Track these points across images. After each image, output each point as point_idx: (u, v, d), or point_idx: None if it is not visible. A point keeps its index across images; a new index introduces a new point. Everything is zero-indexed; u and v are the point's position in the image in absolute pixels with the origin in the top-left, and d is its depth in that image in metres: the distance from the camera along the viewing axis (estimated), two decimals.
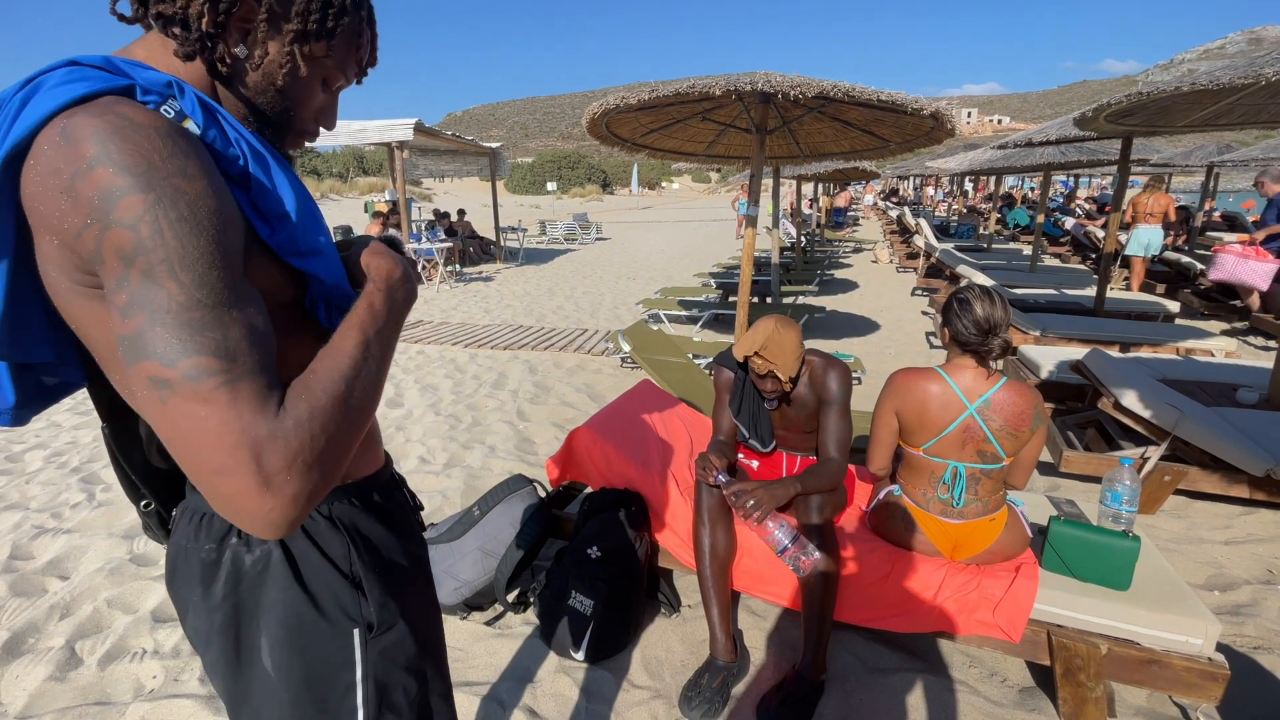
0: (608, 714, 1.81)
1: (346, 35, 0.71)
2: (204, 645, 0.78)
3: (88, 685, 1.90)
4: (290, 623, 0.74)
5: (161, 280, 0.52)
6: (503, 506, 2.32)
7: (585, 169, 54.06)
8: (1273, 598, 2.34)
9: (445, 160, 13.47)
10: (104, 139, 0.52)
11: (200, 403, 0.51)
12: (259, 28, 0.65)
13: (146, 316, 0.52)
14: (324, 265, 0.69)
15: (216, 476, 0.52)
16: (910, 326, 6.91)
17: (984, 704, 1.83)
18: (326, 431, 0.57)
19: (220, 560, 0.73)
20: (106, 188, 0.51)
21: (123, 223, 0.51)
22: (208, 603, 0.74)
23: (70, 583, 2.38)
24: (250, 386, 0.53)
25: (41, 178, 0.53)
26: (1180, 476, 2.91)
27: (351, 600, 0.76)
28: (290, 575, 0.73)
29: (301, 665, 0.75)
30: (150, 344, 0.51)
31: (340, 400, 0.59)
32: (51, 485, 3.17)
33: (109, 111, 0.54)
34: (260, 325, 0.57)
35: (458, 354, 5.81)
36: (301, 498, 0.55)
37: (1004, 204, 17.94)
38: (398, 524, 0.86)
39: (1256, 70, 3.01)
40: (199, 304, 0.53)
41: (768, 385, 1.97)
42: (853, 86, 3.22)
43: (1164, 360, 4.06)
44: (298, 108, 0.73)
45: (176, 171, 0.54)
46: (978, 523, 1.85)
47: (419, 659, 0.84)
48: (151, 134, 0.54)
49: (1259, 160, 11.19)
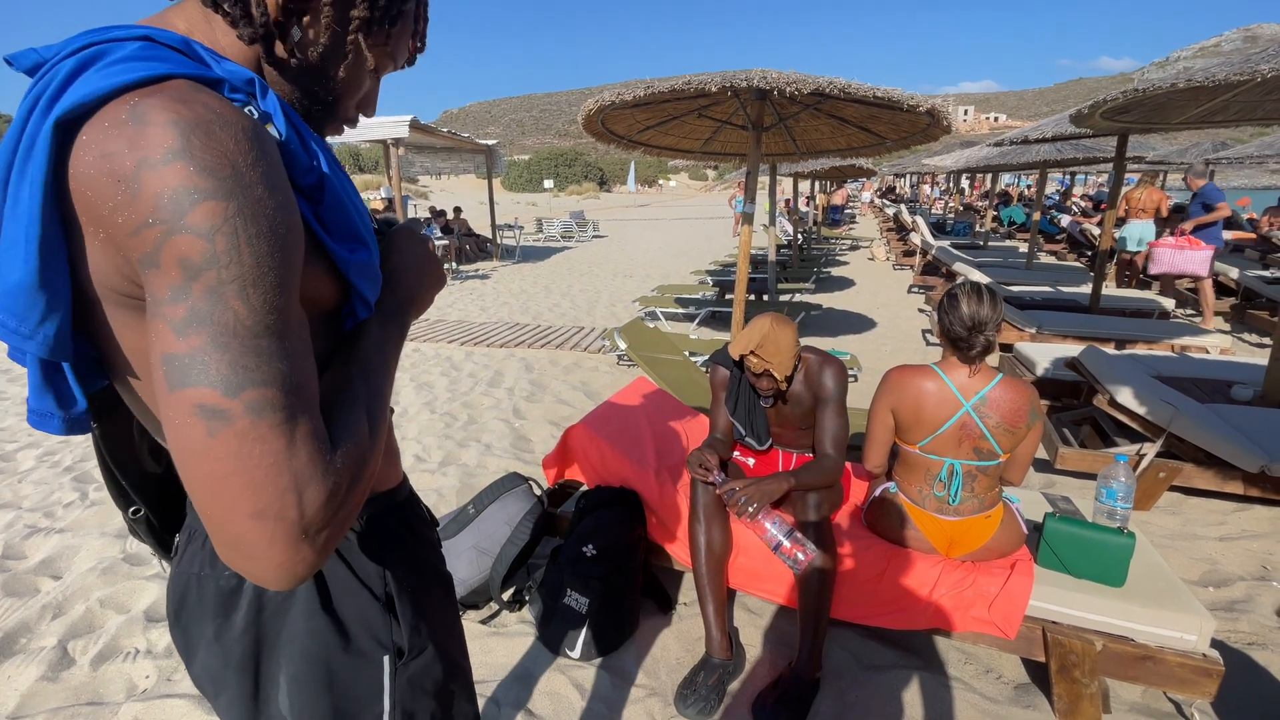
0: (604, 712, 1.81)
1: (406, 21, 0.67)
2: (217, 687, 0.71)
3: (80, 685, 1.89)
4: (316, 654, 0.68)
5: (230, 300, 0.46)
6: (498, 505, 2.32)
7: (582, 166, 53.99)
8: (1267, 594, 2.34)
9: (441, 157, 13.44)
10: (187, 131, 0.45)
11: (257, 440, 0.46)
12: (324, 12, 0.60)
13: (208, 338, 0.45)
14: (373, 281, 0.65)
15: (253, 520, 0.46)
16: (906, 324, 6.92)
17: (979, 700, 1.84)
18: (364, 474, 0.53)
19: (241, 588, 0.66)
20: (183, 187, 0.44)
21: (196, 230, 0.45)
22: (226, 636, 0.67)
23: (62, 582, 2.37)
24: (308, 425, 0.49)
25: (97, 159, 0.45)
26: (1175, 473, 2.92)
27: (383, 624, 0.71)
28: (317, 601, 0.67)
29: (328, 701, 0.69)
30: (210, 368, 0.45)
31: (371, 431, 0.56)
32: (44, 484, 3.15)
33: (195, 100, 0.47)
34: (309, 356, 0.52)
35: (453, 352, 5.80)
36: (332, 545, 0.51)
37: (1000, 201, 17.96)
38: (422, 538, 0.82)
39: (1252, 67, 3.01)
40: (268, 331, 0.48)
41: (763, 384, 1.97)
42: (849, 83, 3.21)
43: (1159, 357, 4.07)
44: (346, 95, 0.68)
45: (260, 181, 0.48)
46: (973, 519, 1.85)
47: (446, 681, 0.79)
48: (239, 134, 0.48)
49: (1254, 157, 11.24)
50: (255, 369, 0.47)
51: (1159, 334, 5.00)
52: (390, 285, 0.69)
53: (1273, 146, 10.86)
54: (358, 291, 0.63)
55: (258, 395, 0.46)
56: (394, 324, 0.68)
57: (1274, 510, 2.94)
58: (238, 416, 0.46)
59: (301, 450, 0.48)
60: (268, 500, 0.46)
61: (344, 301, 0.64)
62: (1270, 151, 10.86)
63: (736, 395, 2.14)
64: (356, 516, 0.54)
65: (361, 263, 0.62)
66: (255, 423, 0.46)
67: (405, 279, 0.70)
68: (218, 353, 0.46)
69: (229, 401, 0.46)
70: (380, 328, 0.66)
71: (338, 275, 0.61)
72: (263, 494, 0.46)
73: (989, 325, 1.74)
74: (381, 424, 0.59)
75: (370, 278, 0.64)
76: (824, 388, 2.01)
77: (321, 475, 0.49)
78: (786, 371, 1.92)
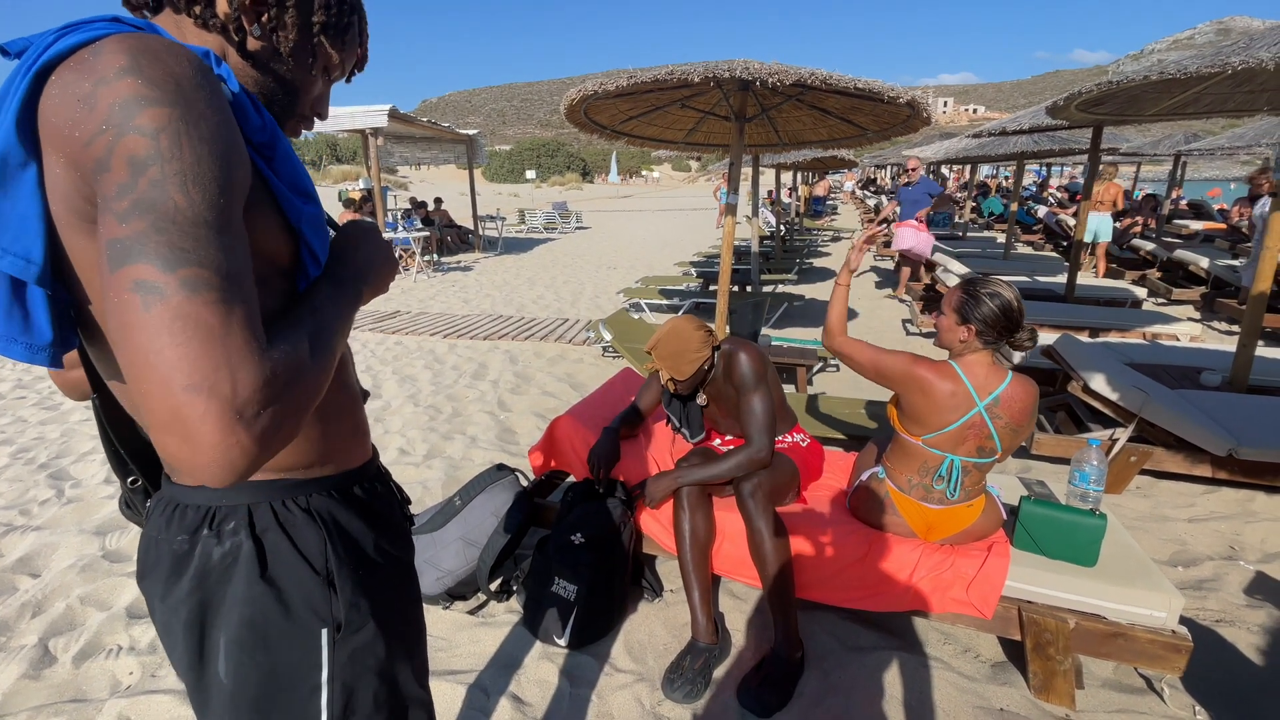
0: (592, 698, 1.83)
1: (354, 31, 0.77)
2: (169, 644, 0.75)
3: (63, 683, 1.87)
4: (255, 620, 0.71)
5: (171, 191, 0.50)
6: (484, 496, 2.32)
7: (565, 157, 53.60)
8: (1234, 573, 2.43)
9: (421, 147, 13.27)
10: (136, 54, 0.51)
11: (191, 314, 0.48)
12: (289, 13, 0.68)
13: (149, 223, 0.49)
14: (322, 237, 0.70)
15: (188, 393, 0.47)
16: (886, 314, 7.00)
17: (957, 679, 1.89)
18: (300, 383, 0.56)
19: (192, 553, 0.70)
20: (131, 96, 0.49)
21: (142, 130, 0.49)
22: (173, 597, 0.71)
23: (41, 580, 2.33)
24: (245, 312, 0.52)
25: (60, 89, 0.51)
26: (1146, 457, 3.00)
27: (322, 598, 0.74)
28: (258, 569, 0.70)
29: (265, 665, 0.72)
30: (148, 249, 0.48)
31: (313, 352, 0.59)
32: (19, 482, 3.09)
33: (147, 36, 0.53)
34: (250, 266, 0.55)
35: (436, 344, 5.76)
36: (265, 440, 0.51)
37: (979, 193, 18.17)
38: (380, 519, 0.84)
39: (1223, 60, 3.07)
40: (206, 224, 0.51)
41: (672, 388, 2.04)
42: (830, 74, 3.23)
43: (1131, 344, 4.17)
44: (302, 94, 0.75)
45: (203, 100, 0.53)
46: (956, 508, 1.89)
47: (390, 661, 0.81)
48: (184, 61, 0.53)
49: (1225, 149, 11.47)
50: (192, 251, 0.50)
51: (1131, 322, 5.12)
52: (341, 259, 0.74)
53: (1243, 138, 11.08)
54: (307, 243, 0.67)
55: (192, 274, 0.49)
56: (346, 288, 0.71)
57: (1241, 492, 3.04)
58: (172, 291, 0.48)
59: (236, 332, 0.50)
60: (202, 374, 0.48)
61: (296, 263, 0.68)
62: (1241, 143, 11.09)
63: (671, 394, 2.18)
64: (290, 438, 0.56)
65: (312, 214, 0.67)
66: (190, 298, 0.48)
67: (356, 255, 0.75)
68: (157, 235, 0.49)
69: (164, 276, 0.48)
70: (331, 286, 0.69)
71: (290, 233, 0.66)
72: (196, 366, 0.47)
73: (1024, 315, 1.76)
74: (327, 355, 0.61)
75: (319, 232, 0.69)
76: (736, 374, 2.02)
77: (256, 359, 0.51)
78: (680, 375, 1.98)
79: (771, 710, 1.76)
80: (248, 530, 0.71)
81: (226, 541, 0.70)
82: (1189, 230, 10.94)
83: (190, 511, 0.71)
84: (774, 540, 1.86)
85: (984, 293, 1.74)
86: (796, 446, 2.20)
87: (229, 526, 0.71)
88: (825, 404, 3.56)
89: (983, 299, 1.74)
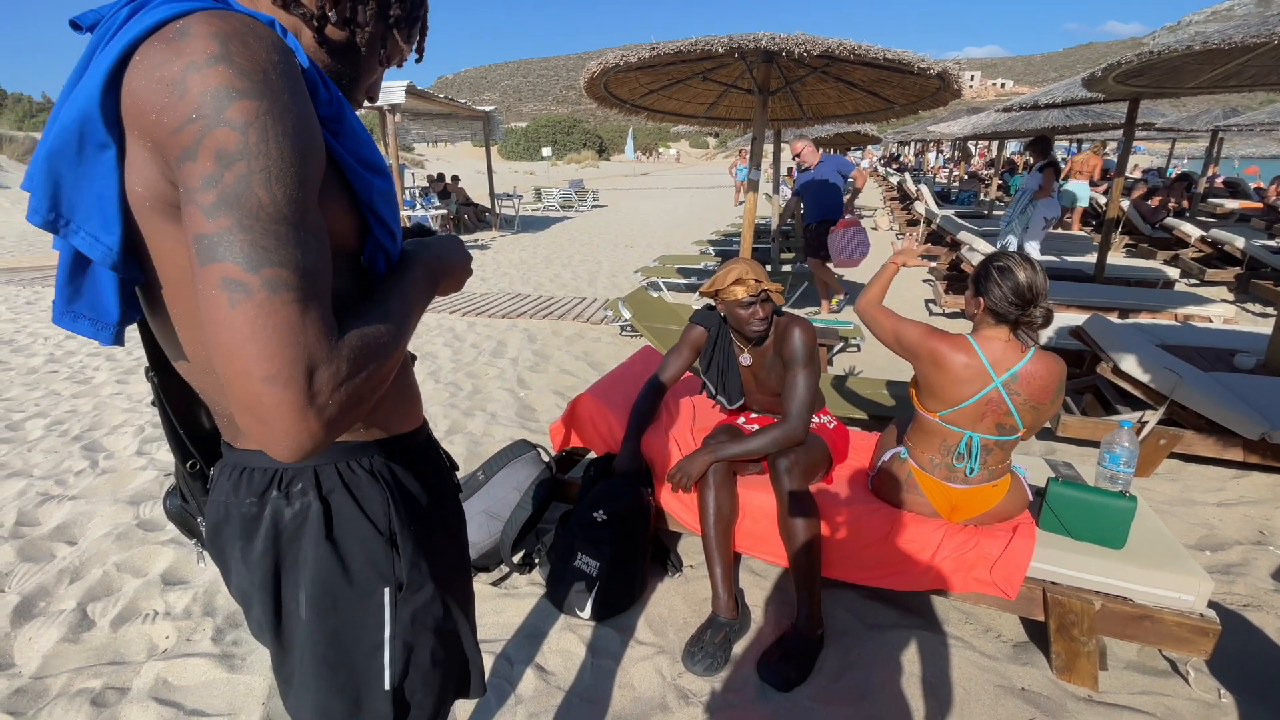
0: (613, 669, 1.86)
1: (420, 25, 0.80)
2: (247, 601, 0.78)
3: (101, 646, 1.93)
4: (322, 579, 0.73)
5: (255, 188, 0.52)
6: (507, 471, 2.34)
7: (581, 134, 53.15)
8: (1263, 557, 2.39)
9: (438, 124, 13.21)
10: (226, 39, 0.51)
11: (271, 312, 0.51)
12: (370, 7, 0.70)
13: (234, 220, 0.51)
14: (392, 209, 0.71)
15: (266, 384, 0.51)
16: (910, 293, 6.90)
17: (978, 658, 1.88)
18: (367, 372, 0.58)
19: (261, 515, 0.72)
20: (222, 86, 0.50)
21: (232, 123, 0.51)
22: (249, 559, 0.74)
23: (78, 548, 2.40)
24: (318, 309, 0.55)
25: (147, 71, 0.51)
26: (1176, 440, 2.95)
27: (385, 558, 0.76)
28: (324, 530, 0.73)
29: (331, 622, 0.75)
30: (234, 247, 0.51)
31: (382, 348, 0.61)
32: (54, 453, 3.18)
33: (231, 15, 0.54)
34: (326, 257, 0.58)
35: (455, 322, 5.79)
36: (335, 426, 0.56)
37: (1006, 170, 17.74)
38: (432, 484, 0.86)
39: (1269, 29, 2.95)
40: (286, 220, 0.53)
41: (759, 313, 1.99)
42: (859, 45, 3.15)
43: (1163, 326, 4.07)
44: (362, 77, 0.77)
45: (286, 90, 0.54)
46: (981, 488, 1.87)
47: (448, 620, 0.83)
48: (270, 46, 0.54)
49: (1264, 124, 11.06)
50: (273, 250, 0.52)
51: (1163, 303, 4.99)
52: (419, 249, 0.77)
53: None
54: (379, 217, 0.68)
55: (274, 274, 0.52)
56: (420, 283, 0.73)
57: (1272, 477, 2.97)
58: (256, 290, 0.51)
59: (311, 328, 0.53)
60: (279, 366, 0.51)
61: (365, 242, 0.70)
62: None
63: (711, 354, 2.17)
64: (358, 419, 0.60)
65: (383, 187, 0.68)
66: (270, 298, 0.52)
67: (433, 246, 0.79)
68: (241, 233, 0.51)
69: (248, 276, 0.51)
70: (406, 278, 0.72)
71: (357, 213, 0.67)
72: (275, 360, 0.51)
73: (1044, 295, 1.71)
74: (395, 345, 0.63)
75: (390, 205, 0.70)
76: (789, 345, 2.00)
77: (328, 354, 0.54)
78: (776, 287, 1.98)
79: (792, 684, 1.77)
80: (315, 491, 0.73)
81: (296, 502, 0.72)
82: (1224, 209, 10.61)
83: (258, 474, 0.73)
84: (805, 517, 1.86)
85: (997, 268, 1.74)
86: (824, 428, 2.19)
87: (297, 488, 0.73)
88: (847, 384, 3.53)
89: (994, 275, 1.74)
